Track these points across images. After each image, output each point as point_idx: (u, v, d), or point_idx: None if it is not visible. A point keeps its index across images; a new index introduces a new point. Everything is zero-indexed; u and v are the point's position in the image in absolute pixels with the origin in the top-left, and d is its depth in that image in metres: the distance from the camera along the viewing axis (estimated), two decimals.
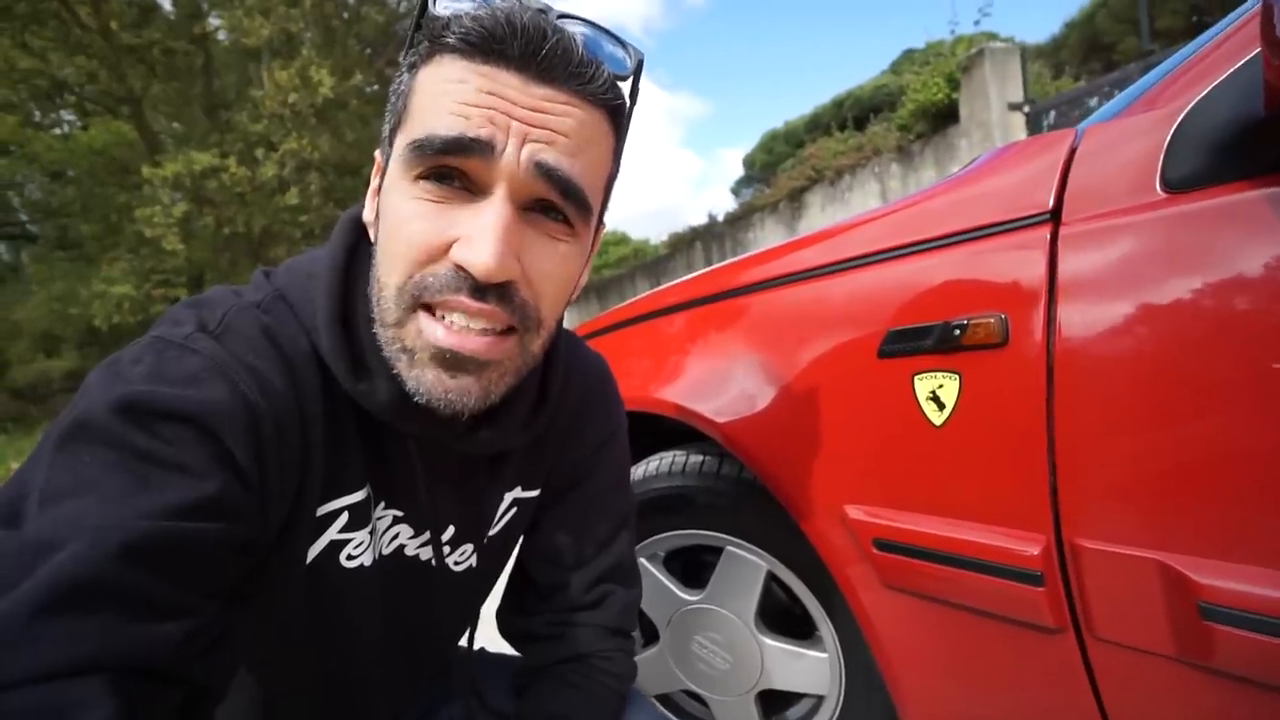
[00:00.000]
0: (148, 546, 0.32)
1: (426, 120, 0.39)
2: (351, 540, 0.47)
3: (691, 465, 0.91)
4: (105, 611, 0.31)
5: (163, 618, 0.33)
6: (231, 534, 0.37)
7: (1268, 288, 0.44)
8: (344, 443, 0.45)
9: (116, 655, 0.31)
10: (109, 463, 0.34)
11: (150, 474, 0.34)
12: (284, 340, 0.42)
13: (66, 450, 0.35)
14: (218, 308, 0.42)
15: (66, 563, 0.31)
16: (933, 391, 0.60)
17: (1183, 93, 0.51)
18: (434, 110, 0.39)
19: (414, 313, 0.40)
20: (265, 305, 0.43)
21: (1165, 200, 0.49)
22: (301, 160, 8.76)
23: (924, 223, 0.64)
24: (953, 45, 7.14)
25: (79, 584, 0.30)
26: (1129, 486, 0.49)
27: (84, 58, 9.68)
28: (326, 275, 0.44)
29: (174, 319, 0.41)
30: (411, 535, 0.51)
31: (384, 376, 0.44)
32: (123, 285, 9.31)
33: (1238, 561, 0.44)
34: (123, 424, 0.35)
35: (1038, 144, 0.61)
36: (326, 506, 0.45)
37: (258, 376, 0.39)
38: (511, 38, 0.38)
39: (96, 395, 0.36)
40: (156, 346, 0.39)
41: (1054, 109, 5.30)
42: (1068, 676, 0.55)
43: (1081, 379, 0.51)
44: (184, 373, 0.37)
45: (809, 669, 0.86)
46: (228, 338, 0.40)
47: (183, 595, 0.34)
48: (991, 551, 0.56)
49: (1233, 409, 0.44)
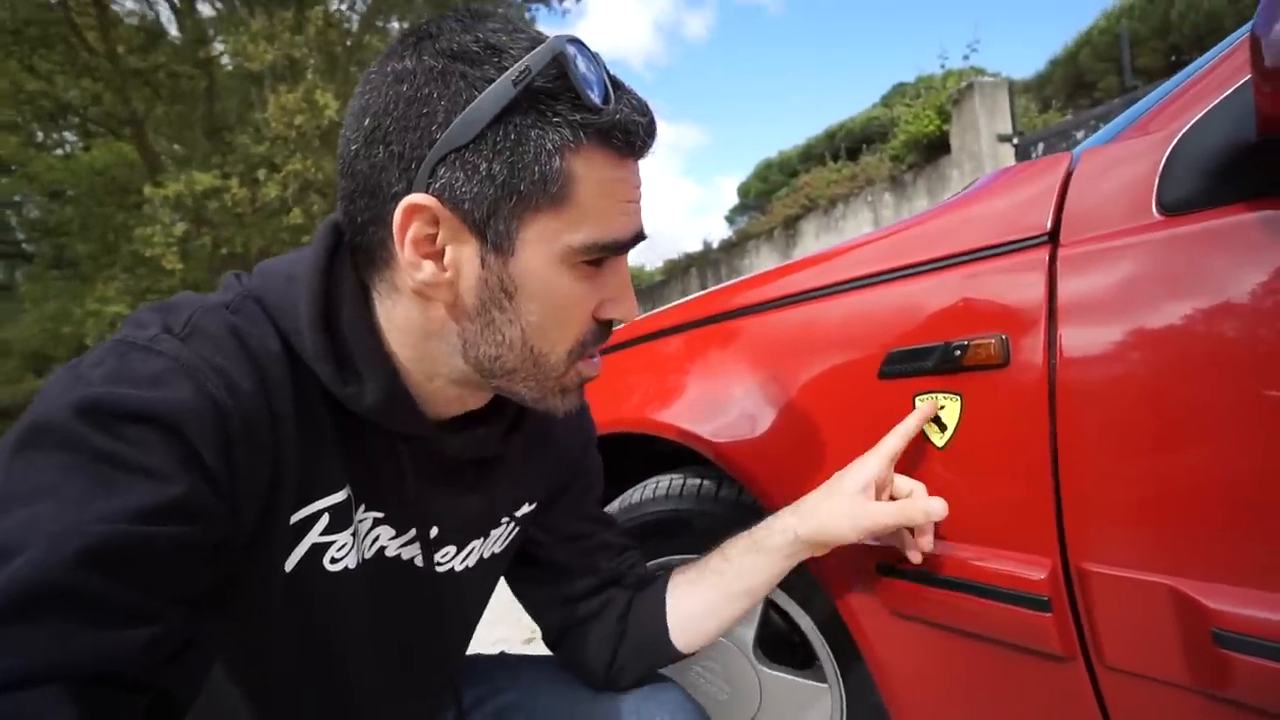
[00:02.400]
0: (108, 551, 0.32)
1: (603, 222, 0.43)
2: (334, 543, 0.46)
3: (689, 489, 0.90)
4: (63, 618, 0.30)
5: (124, 624, 0.32)
6: (199, 537, 0.36)
7: (1263, 308, 0.44)
8: (319, 443, 0.44)
9: (75, 663, 0.30)
10: (68, 466, 0.33)
11: (112, 477, 0.33)
12: (252, 340, 0.42)
13: (23, 455, 0.34)
14: (183, 310, 0.41)
15: (22, 569, 0.30)
16: (934, 413, 0.59)
17: (1177, 117, 0.51)
18: (609, 211, 0.43)
19: (575, 364, 0.47)
20: (234, 305, 0.43)
21: (1161, 223, 0.49)
22: (304, 181, 8.87)
23: (924, 244, 0.65)
24: (943, 79, 7.31)
25: (35, 590, 0.30)
26: (1136, 509, 0.48)
27: (90, 80, 9.81)
28: (309, 278, 0.44)
29: (138, 322, 0.40)
30: (393, 536, 0.51)
31: (374, 379, 0.44)
32: (117, 304, 9.30)
33: (1252, 587, 0.43)
34: (83, 426, 0.34)
35: (1035, 167, 0.61)
36: (304, 510, 0.44)
37: (225, 376, 0.38)
38: (649, 137, 0.44)
39: (55, 398, 0.35)
40: (119, 349, 0.38)
41: (1042, 141, 5.44)
42: (1078, 706, 0.53)
43: (1084, 399, 0.51)
44: (147, 373, 0.36)
45: (809, 699, 0.84)
46: (194, 339, 0.39)
47: (146, 601, 0.33)
48: (996, 576, 0.55)
49: (1241, 429, 0.44)
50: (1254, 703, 0.44)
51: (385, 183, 0.41)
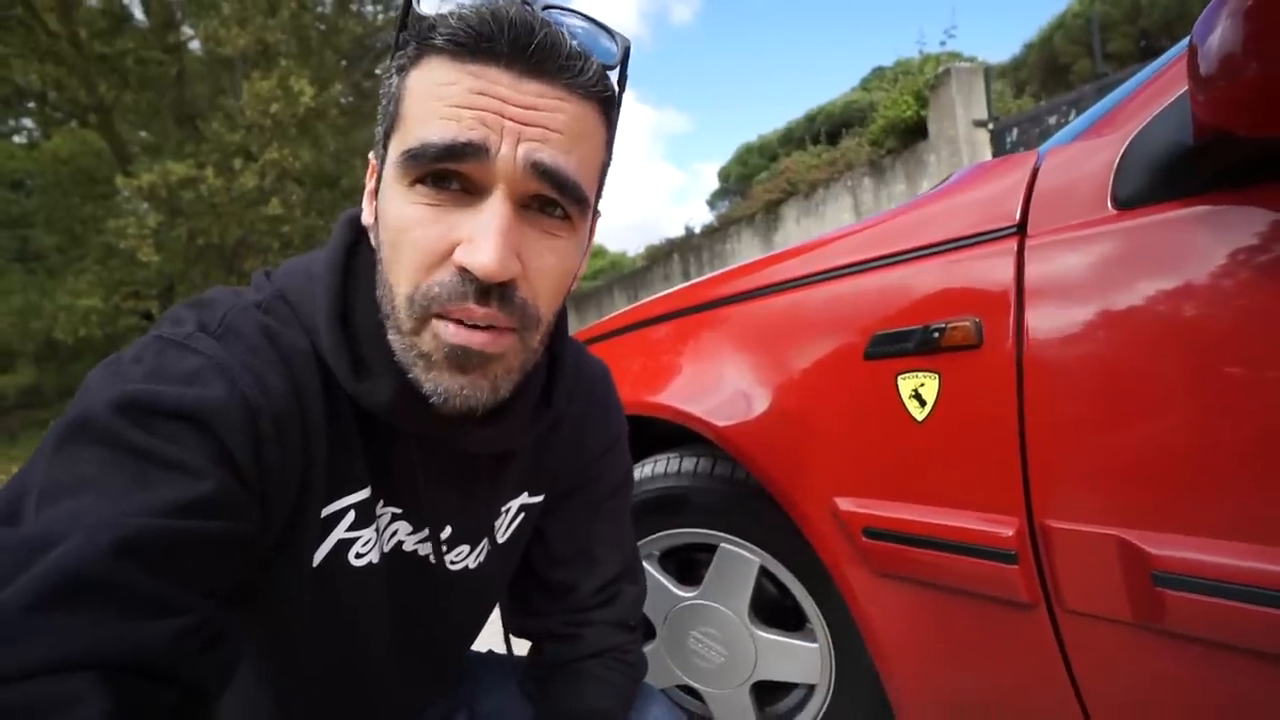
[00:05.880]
0: (143, 543, 0.32)
1: (419, 126, 0.39)
2: (359, 538, 0.47)
3: (686, 467, 0.95)
4: (97, 608, 0.31)
5: (156, 615, 0.33)
6: (230, 532, 0.36)
7: (1204, 293, 0.49)
8: (346, 441, 0.45)
9: (107, 652, 0.31)
10: (107, 460, 0.34)
11: (148, 471, 0.34)
12: (283, 340, 0.42)
13: (66, 449, 0.35)
14: (218, 308, 0.42)
15: (61, 559, 0.30)
16: (915, 390, 0.65)
17: (1130, 119, 0.57)
18: (425, 116, 0.39)
19: (427, 322, 0.40)
20: (266, 305, 0.44)
21: (1115, 216, 0.55)
22: (281, 170, 8.68)
23: (904, 234, 0.70)
24: (921, 64, 7.39)
25: (72, 580, 0.30)
26: (1091, 472, 0.54)
27: (51, 65, 9.46)
28: (326, 275, 0.44)
29: (175, 319, 0.41)
30: (410, 532, 0.52)
31: (386, 376, 0.44)
32: (90, 298, 9.05)
33: (1186, 534, 0.49)
34: (122, 422, 0.35)
35: (1005, 164, 0.67)
36: (332, 506, 0.45)
37: (257, 375, 0.39)
38: (499, 34, 0.38)
39: (96, 394, 0.36)
40: (157, 346, 0.39)
41: (1016, 126, 5.53)
42: (1041, 648, 0.60)
43: (1049, 376, 0.56)
44: (184, 371, 0.37)
45: (800, 659, 0.90)
46: (228, 338, 0.40)
47: (177, 593, 0.34)
48: (971, 535, 0.61)
49: (1179, 399, 0.50)
50: (1185, 631, 0.50)
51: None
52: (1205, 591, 0.47)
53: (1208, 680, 0.51)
